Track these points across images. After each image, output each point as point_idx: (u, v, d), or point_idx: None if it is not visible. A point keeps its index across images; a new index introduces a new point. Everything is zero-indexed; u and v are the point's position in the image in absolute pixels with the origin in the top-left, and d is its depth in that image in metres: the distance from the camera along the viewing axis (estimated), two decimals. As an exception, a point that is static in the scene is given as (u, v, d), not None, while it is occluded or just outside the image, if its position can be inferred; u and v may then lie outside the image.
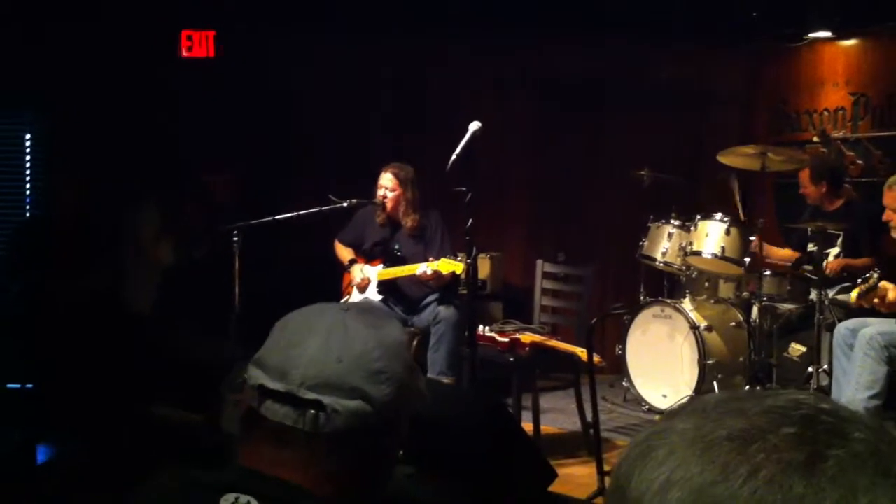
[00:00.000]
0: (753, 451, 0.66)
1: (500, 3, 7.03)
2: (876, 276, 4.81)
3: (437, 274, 5.57)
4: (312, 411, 1.29)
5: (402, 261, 5.94)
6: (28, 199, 7.16)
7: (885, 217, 5.19)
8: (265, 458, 1.31)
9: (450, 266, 5.51)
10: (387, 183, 5.97)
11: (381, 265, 6.03)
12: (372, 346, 1.35)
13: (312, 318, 1.39)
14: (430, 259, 5.62)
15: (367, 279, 6.03)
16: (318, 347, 1.33)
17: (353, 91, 7.41)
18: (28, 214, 7.18)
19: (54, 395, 5.44)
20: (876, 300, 4.81)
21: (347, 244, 6.25)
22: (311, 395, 1.30)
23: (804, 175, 6.24)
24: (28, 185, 7.16)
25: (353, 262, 6.15)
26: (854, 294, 4.91)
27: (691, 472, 0.67)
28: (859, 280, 4.92)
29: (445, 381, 5.49)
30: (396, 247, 6.03)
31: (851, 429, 0.68)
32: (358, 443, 1.32)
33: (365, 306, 1.48)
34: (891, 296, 4.77)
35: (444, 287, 5.87)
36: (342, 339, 1.35)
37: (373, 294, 6.02)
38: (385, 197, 5.97)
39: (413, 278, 5.79)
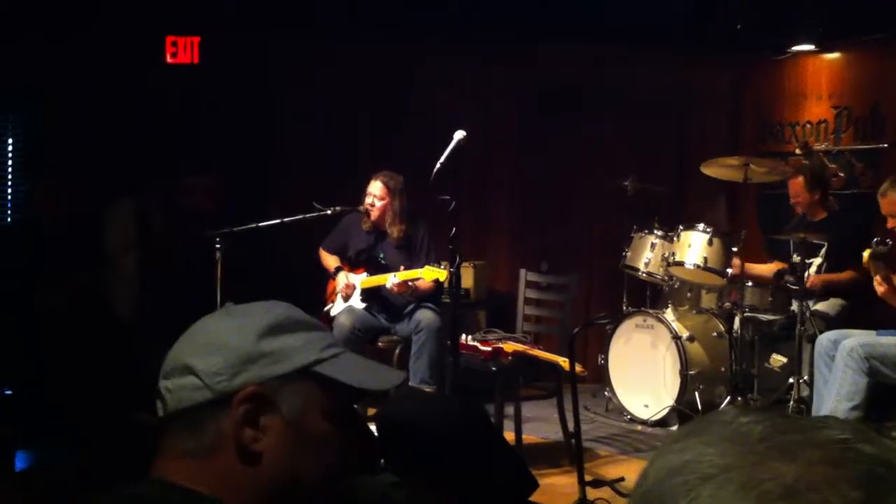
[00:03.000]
0: None
1: (485, 9, 7.04)
2: (889, 245, 4.83)
3: (404, 286, 5.61)
4: (157, 399, 1.31)
5: (386, 269, 5.93)
6: (10, 204, 7.12)
7: (888, 225, 5.19)
8: (156, 462, 1.31)
9: (433, 273, 5.51)
10: (376, 191, 5.96)
11: (365, 273, 6.03)
12: (206, 324, 1.34)
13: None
14: (403, 268, 5.67)
15: (351, 286, 6.02)
16: (177, 342, 1.34)
17: (337, 97, 7.41)
18: (10, 219, 7.14)
19: (36, 401, 5.41)
20: (878, 277, 4.83)
21: (333, 252, 6.24)
22: (160, 384, 1.31)
23: (797, 183, 6.20)
24: (10, 189, 7.12)
25: (338, 269, 6.14)
26: (866, 253, 4.93)
27: None
28: (875, 240, 4.93)
29: (427, 389, 5.49)
30: (381, 255, 6.03)
31: None
32: (203, 419, 1.27)
33: (261, 302, 1.40)
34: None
35: (426, 296, 5.88)
36: (194, 329, 1.35)
37: (356, 302, 6.01)
38: (372, 205, 5.96)
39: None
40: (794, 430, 0.69)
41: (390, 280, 5.67)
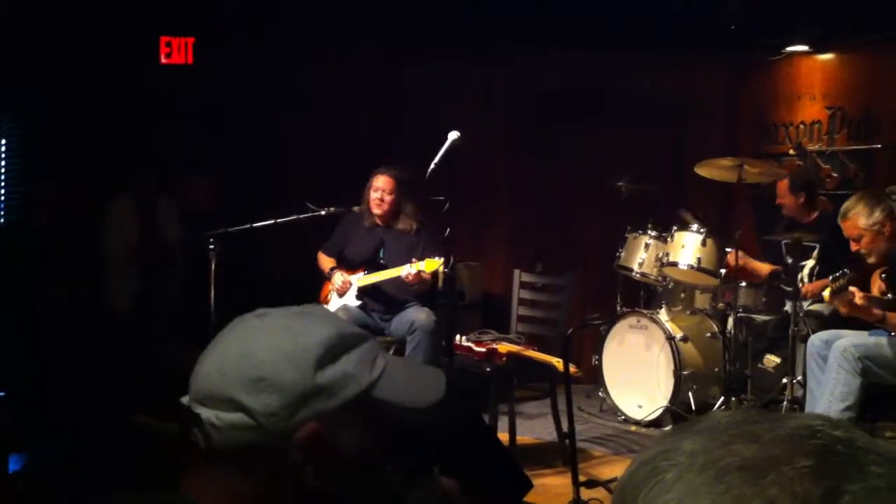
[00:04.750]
0: (767, 483, 0.63)
1: (482, 13, 7.04)
2: (847, 275, 4.82)
3: (419, 275, 5.57)
4: (197, 427, 1.22)
5: (384, 267, 5.93)
6: (2, 205, 7.10)
7: (852, 248, 5.17)
8: (190, 480, 1.25)
9: (433, 264, 5.50)
10: (384, 185, 5.93)
11: (362, 273, 6.01)
12: (255, 351, 1.23)
13: (225, 331, 1.29)
14: (414, 260, 5.62)
15: (348, 282, 6.00)
16: (211, 360, 1.25)
17: (336, 98, 7.40)
18: (2, 220, 7.11)
19: (29, 403, 5.40)
20: (836, 303, 4.84)
21: (331, 254, 6.21)
22: (197, 410, 1.22)
23: (782, 185, 6.28)
24: (2, 191, 7.09)
25: (333, 269, 6.13)
26: (827, 293, 4.93)
27: (701, 502, 0.64)
28: (830, 278, 4.93)
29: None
30: (381, 252, 6.02)
31: (868, 461, 0.65)
32: (258, 460, 1.22)
33: (296, 309, 1.31)
34: (857, 300, 4.79)
35: (422, 295, 5.87)
36: (233, 347, 1.25)
37: (351, 300, 5.99)
38: (381, 200, 5.94)
39: (394, 284, 5.78)
40: (766, 420, 0.70)
41: (405, 269, 5.62)
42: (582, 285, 6.97)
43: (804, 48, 7.26)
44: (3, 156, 7.11)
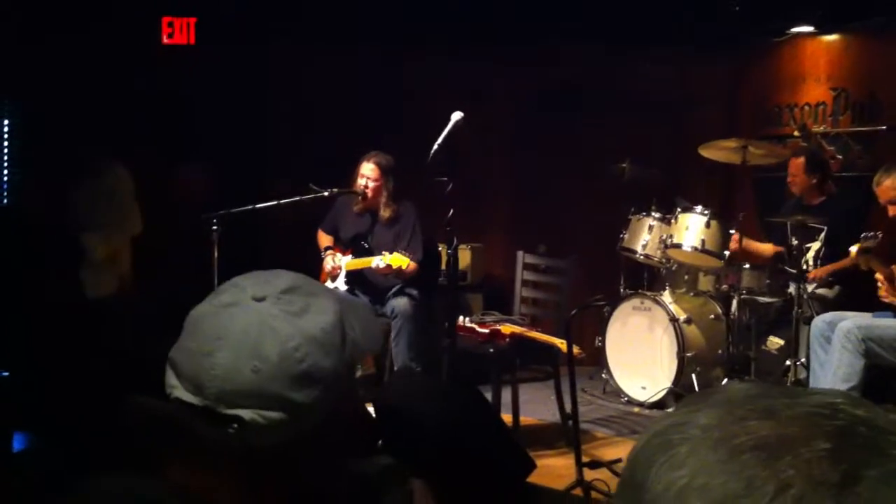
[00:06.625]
0: (783, 465, 0.61)
1: (484, 5, 7.03)
2: (879, 238, 4.81)
3: (388, 268, 5.58)
4: (235, 425, 1.16)
5: (370, 252, 5.93)
6: (6, 188, 7.07)
7: (890, 213, 5.14)
8: (192, 476, 1.20)
9: (398, 261, 5.53)
10: (369, 172, 5.95)
11: (351, 255, 6.04)
12: (293, 345, 1.18)
13: (224, 318, 1.21)
14: (384, 253, 5.62)
15: (337, 267, 6.04)
16: (233, 355, 1.17)
17: (337, 86, 7.37)
18: (5, 202, 7.09)
19: (32, 383, 5.41)
20: (874, 264, 4.83)
21: (328, 233, 6.27)
22: (229, 411, 1.16)
23: (797, 164, 6.17)
24: (6, 174, 7.07)
25: (327, 249, 6.16)
26: (854, 249, 4.91)
27: (714, 481, 0.63)
28: (862, 237, 4.91)
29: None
30: (368, 237, 6.03)
31: (889, 443, 0.63)
32: (291, 451, 1.19)
33: (291, 284, 1.24)
34: None
35: (407, 279, 5.86)
36: (258, 341, 1.18)
37: (340, 284, 6.02)
38: (366, 186, 5.95)
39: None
40: (784, 395, 0.68)
41: (375, 261, 5.65)
42: (585, 267, 6.97)
43: (809, 29, 7.23)
44: (6, 139, 7.08)
